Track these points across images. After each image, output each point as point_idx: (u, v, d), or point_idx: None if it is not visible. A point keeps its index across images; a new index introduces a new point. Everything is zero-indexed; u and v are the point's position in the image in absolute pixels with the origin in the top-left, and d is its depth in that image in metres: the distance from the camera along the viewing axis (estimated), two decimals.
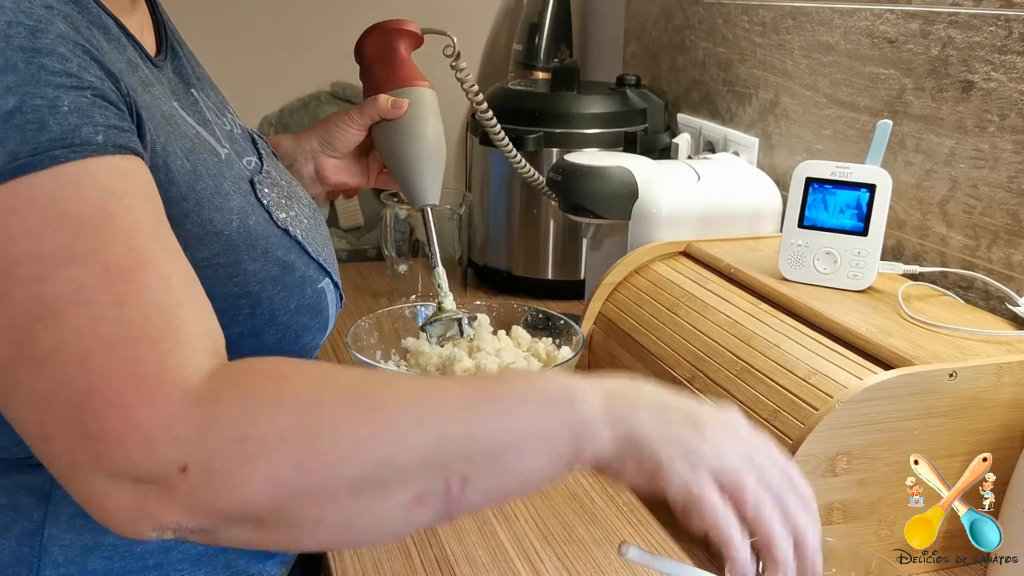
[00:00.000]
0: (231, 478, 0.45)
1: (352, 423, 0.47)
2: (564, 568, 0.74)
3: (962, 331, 0.78)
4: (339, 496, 0.46)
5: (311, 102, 1.76)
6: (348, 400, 0.48)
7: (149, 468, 0.45)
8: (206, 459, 0.45)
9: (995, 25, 0.86)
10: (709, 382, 0.81)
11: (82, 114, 0.49)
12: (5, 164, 0.46)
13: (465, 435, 0.47)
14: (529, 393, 0.49)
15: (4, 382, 0.47)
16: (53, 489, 0.62)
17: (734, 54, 1.29)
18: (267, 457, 0.45)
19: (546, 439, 0.48)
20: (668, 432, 0.49)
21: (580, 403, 0.48)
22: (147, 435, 0.45)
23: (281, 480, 0.45)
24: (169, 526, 0.46)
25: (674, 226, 1.03)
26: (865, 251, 0.87)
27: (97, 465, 0.45)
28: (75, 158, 0.48)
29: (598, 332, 1.01)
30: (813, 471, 0.68)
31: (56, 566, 0.62)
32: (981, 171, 0.89)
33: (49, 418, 0.46)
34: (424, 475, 0.47)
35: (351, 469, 0.46)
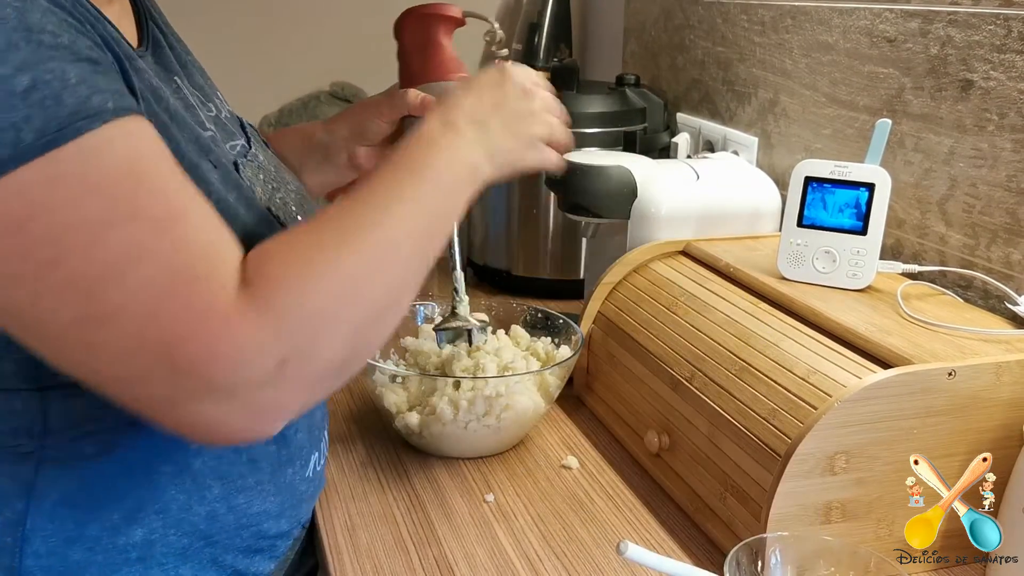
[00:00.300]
0: (320, 348, 0.55)
1: (368, 258, 0.58)
2: (563, 567, 0.74)
3: (961, 330, 0.78)
4: (386, 309, 0.60)
5: (310, 102, 1.76)
6: (352, 242, 0.58)
7: (250, 376, 0.52)
8: (292, 347, 0.53)
9: (994, 24, 0.86)
10: (708, 381, 0.81)
11: (89, 84, 0.51)
12: (35, 140, 0.49)
13: (436, 218, 0.64)
14: (456, 177, 0.66)
15: (72, 343, 0.52)
16: (37, 480, 0.62)
17: (733, 53, 1.29)
18: (335, 318, 0.55)
19: (465, 197, 0.67)
20: (514, 156, 0.72)
21: (479, 169, 0.68)
22: (233, 354, 0.51)
23: (351, 327, 0.57)
24: (292, 410, 0.56)
25: (673, 225, 1.03)
26: (864, 250, 0.87)
27: (197, 393, 0.51)
28: (95, 127, 0.50)
29: (597, 331, 1.01)
30: (812, 470, 0.68)
31: (38, 557, 0.62)
32: (980, 170, 0.89)
33: (138, 364, 0.51)
34: (418, 261, 0.62)
35: (383, 289, 0.59)
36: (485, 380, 0.87)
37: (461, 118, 0.68)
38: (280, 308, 0.53)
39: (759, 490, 0.72)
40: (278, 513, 0.72)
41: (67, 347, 0.52)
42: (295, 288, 0.55)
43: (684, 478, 0.83)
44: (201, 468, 0.66)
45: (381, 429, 0.97)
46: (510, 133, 0.71)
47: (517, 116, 0.72)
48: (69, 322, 0.51)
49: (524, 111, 0.73)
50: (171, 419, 0.54)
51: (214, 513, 0.67)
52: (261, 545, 0.71)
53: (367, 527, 0.79)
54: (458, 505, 0.83)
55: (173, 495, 0.65)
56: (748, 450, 0.74)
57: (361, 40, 1.78)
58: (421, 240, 0.62)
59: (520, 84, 0.74)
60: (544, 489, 0.86)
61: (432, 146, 0.66)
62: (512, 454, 0.92)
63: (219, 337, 0.51)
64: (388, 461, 0.91)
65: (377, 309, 0.59)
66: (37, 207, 0.49)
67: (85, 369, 0.53)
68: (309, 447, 0.75)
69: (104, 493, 0.63)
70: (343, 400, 1.03)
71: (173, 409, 0.53)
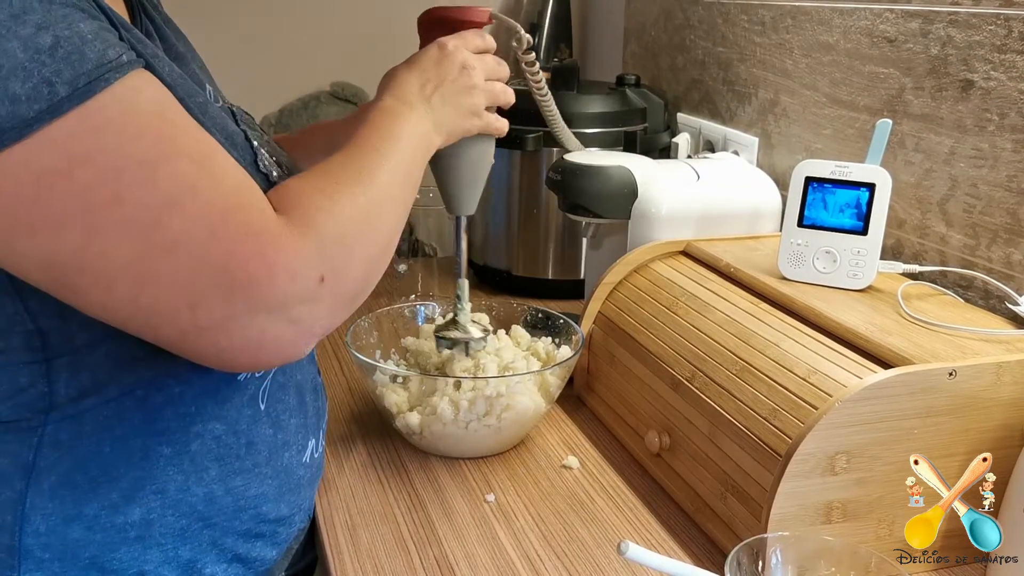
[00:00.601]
0: (348, 268, 0.62)
1: (374, 196, 0.66)
2: (563, 567, 0.74)
3: (962, 330, 0.78)
4: (384, 243, 0.68)
5: (311, 102, 1.76)
6: (363, 184, 0.66)
7: (297, 291, 0.58)
8: (332, 265, 0.60)
9: (995, 24, 0.86)
10: (709, 381, 0.81)
11: (102, 39, 0.54)
12: (70, 93, 0.51)
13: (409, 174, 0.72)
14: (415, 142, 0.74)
15: (137, 274, 0.54)
16: (37, 459, 0.63)
17: (734, 53, 1.29)
18: (357, 242, 0.63)
19: (423, 160, 0.76)
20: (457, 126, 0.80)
21: (430, 138, 0.77)
22: (287, 268, 0.57)
23: (366, 252, 0.64)
24: (319, 331, 0.61)
25: (674, 225, 1.03)
26: (865, 250, 0.87)
27: (255, 308, 0.56)
28: (119, 77, 0.54)
29: (598, 331, 1.01)
30: (812, 470, 0.68)
31: (38, 535, 0.63)
32: (981, 170, 0.89)
33: (198, 287, 0.55)
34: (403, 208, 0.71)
35: (384, 223, 0.67)
36: (486, 380, 0.87)
37: (410, 95, 0.76)
38: (318, 231, 0.60)
39: (760, 490, 0.72)
40: (276, 496, 0.73)
41: (119, 284, 0.55)
42: (326, 215, 0.61)
43: (685, 478, 0.83)
44: (199, 450, 0.67)
45: (382, 429, 0.97)
46: (451, 107, 0.79)
47: (456, 91, 0.79)
48: (131, 257, 0.54)
49: (462, 86, 0.79)
50: (222, 341, 0.57)
51: (212, 495, 0.68)
52: (261, 530, 0.72)
53: (368, 526, 0.79)
54: (459, 505, 0.83)
55: (171, 475, 0.66)
56: (749, 450, 0.74)
57: (361, 40, 1.79)
58: (402, 189, 0.71)
59: (459, 61, 0.79)
60: (545, 489, 0.86)
61: (395, 117, 0.74)
62: (513, 454, 0.92)
63: (274, 254, 0.56)
64: (389, 461, 0.91)
65: (385, 238, 0.68)
66: (84, 154, 0.52)
67: (132, 306, 0.56)
68: (305, 433, 0.76)
69: (102, 473, 0.64)
70: (344, 400, 1.03)
71: (225, 330, 0.57)
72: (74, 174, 0.52)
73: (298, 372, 0.76)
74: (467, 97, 0.80)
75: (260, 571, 0.73)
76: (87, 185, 0.52)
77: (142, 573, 0.66)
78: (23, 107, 0.50)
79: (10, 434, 0.63)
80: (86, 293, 0.55)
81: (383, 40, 1.82)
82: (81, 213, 0.53)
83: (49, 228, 0.53)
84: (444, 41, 0.80)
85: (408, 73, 0.78)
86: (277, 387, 0.73)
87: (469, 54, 0.80)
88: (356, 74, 1.78)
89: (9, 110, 0.50)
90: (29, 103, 0.50)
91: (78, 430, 0.63)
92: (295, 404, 0.75)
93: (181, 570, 0.68)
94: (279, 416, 0.73)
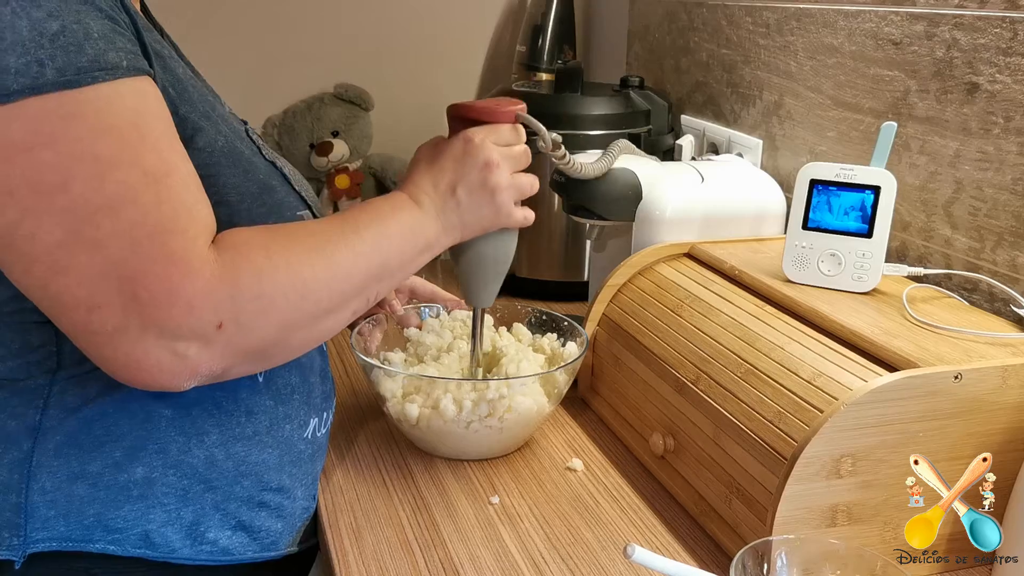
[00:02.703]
0: (253, 327, 0.61)
1: (321, 273, 0.65)
2: (568, 570, 0.74)
3: (967, 333, 0.77)
4: (318, 323, 0.66)
5: (315, 103, 1.76)
6: (315, 257, 0.65)
7: (192, 326, 0.58)
8: (235, 316, 0.60)
9: (1000, 27, 0.86)
10: (713, 384, 0.81)
11: (107, 40, 0.56)
12: (56, 78, 0.54)
13: (385, 265, 0.70)
14: (410, 244, 0.73)
15: (54, 261, 0.56)
16: (43, 421, 0.66)
17: (738, 56, 1.29)
18: (276, 308, 0.62)
19: (417, 260, 0.75)
20: (478, 224, 0.78)
21: (435, 241, 0.75)
22: (189, 301, 0.58)
23: (285, 322, 0.63)
24: (203, 372, 0.61)
25: (678, 228, 1.03)
26: (869, 253, 0.87)
27: (146, 327, 0.57)
28: (108, 79, 0.56)
29: (602, 334, 1.01)
30: (817, 473, 0.68)
31: (43, 493, 0.66)
32: (986, 173, 0.89)
33: (102, 291, 0.56)
34: (359, 297, 0.69)
35: (324, 304, 0.66)
36: (487, 383, 0.87)
37: (423, 196, 0.75)
38: (237, 281, 0.60)
39: (765, 493, 0.72)
40: (278, 466, 0.75)
41: (38, 268, 0.57)
42: (255, 269, 0.61)
43: (689, 481, 0.83)
44: (199, 414, 0.70)
45: (386, 432, 0.97)
46: (471, 205, 0.76)
47: (477, 189, 0.76)
48: (55, 243, 0.56)
49: (486, 184, 0.76)
50: (106, 350, 0.59)
51: (212, 458, 0.70)
52: (265, 499, 0.74)
53: (372, 529, 0.79)
54: (463, 507, 0.83)
55: (172, 436, 0.69)
56: (753, 453, 0.74)
57: (365, 42, 1.79)
58: (368, 279, 0.69)
59: (483, 158, 0.76)
60: (549, 491, 0.86)
61: (396, 211, 0.73)
62: (517, 456, 0.92)
63: (180, 282, 0.57)
64: (393, 463, 0.91)
65: (311, 317, 0.66)
66: (50, 136, 0.54)
67: (43, 292, 0.58)
68: (308, 410, 0.79)
69: (105, 433, 0.67)
70: (347, 401, 1.04)
71: (113, 340, 0.58)
72: (34, 152, 0.54)
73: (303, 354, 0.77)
74: (490, 196, 0.76)
75: (265, 543, 0.75)
76: (41, 165, 0.55)
77: (146, 533, 0.68)
78: (10, 78, 0.53)
79: (17, 397, 0.66)
80: (10, 267, 0.58)
81: (387, 42, 1.83)
82: (26, 191, 0.55)
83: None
84: (471, 135, 0.76)
85: (427, 168, 0.77)
86: None
87: (495, 150, 0.76)
88: (360, 76, 1.78)
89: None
90: (16, 76, 0.53)
91: (83, 392, 0.66)
92: (297, 382, 0.77)
93: (185, 532, 0.69)
94: (280, 390, 0.75)
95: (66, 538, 0.66)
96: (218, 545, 0.71)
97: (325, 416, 0.83)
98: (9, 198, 0.55)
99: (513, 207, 0.79)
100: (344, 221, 0.69)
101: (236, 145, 0.71)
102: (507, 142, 0.78)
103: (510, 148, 0.78)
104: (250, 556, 0.73)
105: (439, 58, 1.82)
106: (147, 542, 0.68)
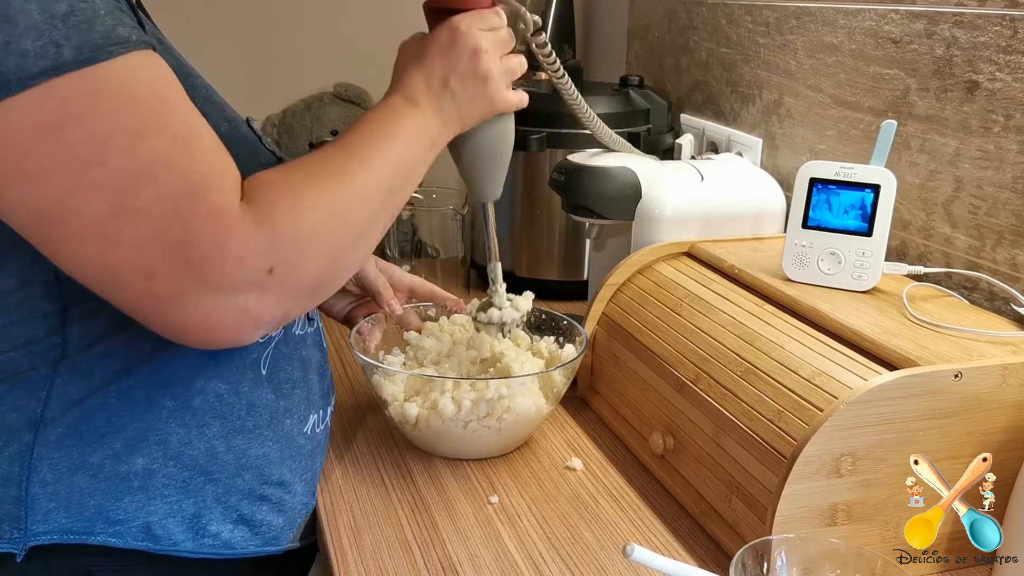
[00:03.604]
0: (300, 265, 0.62)
1: (348, 198, 0.66)
2: (568, 569, 0.74)
3: (967, 332, 0.77)
4: (356, 246, 0.68)
5: (314, 103, 1.76)
6: (337, 184, 0.66)
7: (245, 277, 0.59)
8: (283, 258, 0.61)
9: (1000, 25, 0.85)
10: (713, 383, 0.81)
11: (114, 16, 0.57)
12: (75, 56, 0.55)
13: (400, 175, 0.71)
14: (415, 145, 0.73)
15: (104, 235, 0.57)
16: (45, 413, 0.66)
17: (737, 54, 1.29)
18: (317, 240, 0.63)
19: (425, 160, 0.75)
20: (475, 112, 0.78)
21: (437, 136, 0.76)
22: (238, 254, 0.59)
23: (327, 252, 0.64)
24: (266, 320, 0.62)
25: (678, 227, 1.03)
26: (869, 252, 0.87)
27: (203, 287, 0.58)
28: (123, 52, 0.57)
29: (601, 333, 1.01)
30: (817, 472, 0.68)
31: (44, 484, 0.66)
32: (986, 171, 0.88)
33: (155, 257, 0.58)
34: (385, 211, 0.70)
35: (358, 226, 0.67)
36: (486, 383, 0.87)
37: (416, 92, 0.75)
38: (274, 223, 0.61)
39: (764, 492, 0.71)
40: (279, 460, 0.75)
41: (89, 241, 0.57)
42: (287, 209, 0.62)
43: (689, 480, 0.83)
44: (201, 405, 0.70)
45: (385, 431, 0.97)
46: (465, 96, 0.76)
47: (469, 79, 0.76)
48: (102, 216, 0.56)
49: (477, 72, 0.76)
50: (172, 314, 0.59)
51: (213, 450, 0.70)
52: (266, 492, 0.74)
53: (371, 528, 0.79)
54: (462, 506, 0.83)
55: (173, 428, 0.69)
56: (753, 452, 0.74)
57: (364, 41, 1.79)
58: (388, 191, 0.70)
59: (471, 45, 0.76)
60: (548, 491, 0.86)
61: (394, 115, 0.73)
62: (516, 455, 0.92)
63: (227, 238, 0.58)
64: (392, 463, 0.90)
65: (350, 240, 0.67)
66: (79, 113, 0.55)
67: (99, 265, 0.58)
68: (308, 406, 0.79)
69: (107, 424, 0.67)
70: (346, 400, 1.03)
71: (172, 304, 0.59)
72: (66, 131, 0.55)
73: (303, 348, 0.79)
74: (483, 83, 0.76)
75: (267, 537, 0.75)
76: (75, 143, 0.55)
77: (147, 525, 0.68)
78: (30, 62, 0.54)
79: (19, 389, 0.66)
80: (62, 245, 0.58)
81: (386, 41, 1.82)
82: (65, 169, 0.56)
83: (35, 179, 0.55)
84: (455, 23, 0.76)
85: (416, 66, 0.76)
86: (280, 356, 0.75)
87: (481, 35, 0.76)
88: (359, 75, 1.78)
89: (17, 63, 0.53)
90: (36, 59, 0.54)
91: (86, 383, 0.66)
92: (299, 377, 0.78)
93: (186, 524, 0.70)
94: (281, 384, 0.75)
95: (67, 530, 0.66)
96: (220, 538, 0.71)
97: (324, 412, 0.83)
98: (51, 177, 0.56)
99: (507, 91, 0.79)
100: (350, 144, 0.69)
101: (240, 130, 0.72)
102: (491, 26, 0.78)
103: (495, 32, 0.78)
104: (252, 550, 0.73)
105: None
106: (149, 534, 0.68)
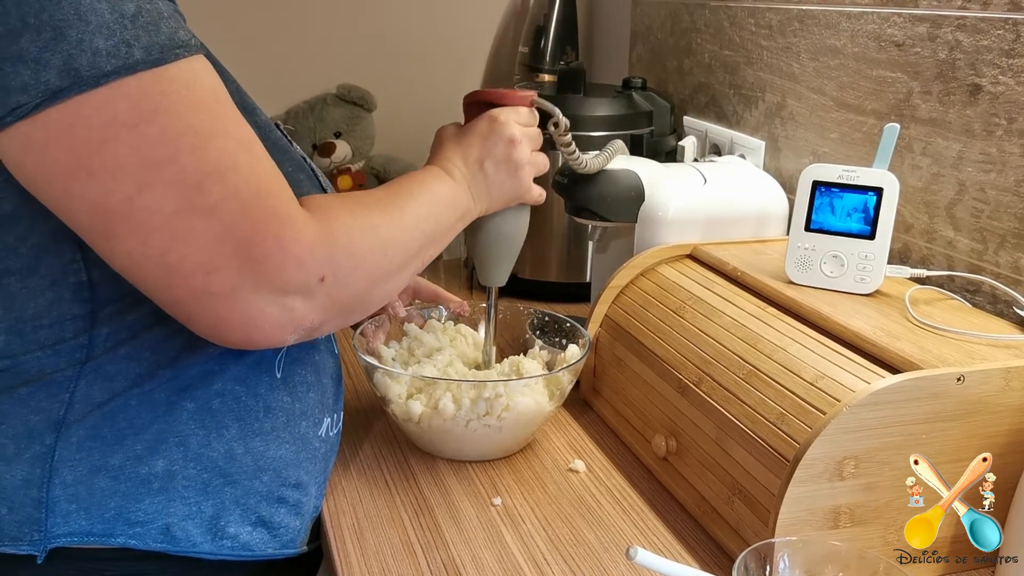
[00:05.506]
0: (348, 282, 0.66)
1: (395, 232, 0.71)
2: (571, 572, 0.74)
3: (970, 335, 0.77)
4: (392, 278, 0.72)
5: (317, 104, 1.77)
6: (387, 218, 0.71)
7: (300, 281, 0.62)
8: (335, 271, 0.64)
9: (1003, 28, 0.85)
10: (716, 385, 0.81)
11: (175, 19, 0.60)
12: (145, 57, 0.57)
13: (435, 230, 0.77)
14: (450, 209, 0.80)
15: (173, 230, 0.59)
16: (67, 415, 0.66)
17: (740, 57, 1.29)
18: (365, 263, 0.67)
19: (456, 226, 0.81)
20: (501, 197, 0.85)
21: (468, 210, 0.82)
22: (299, 257, 0.61)
23: (371, 277, 0.69)
24: (305, 325, 0.64)
25: (680, 229, 1.03)
26: (872, 255, 0.87)
27: (259, 285, 0.60)
28: (186, 55, 0.59)
29: (604, 335, 1.01)
30: (820, 475, 0.68)
31: (65, 486, 0.66)
32: (989, 175, 0.89)
33: (220, 253, 0.59)
34: (418, 258, 0.75)
35: (399, 260, 0.72)
36: (485, 382, 0.87)
37: (455, 168, 0.81)
38: (333, 236, 0.64)
39: (767, 495, 0.72)
40: (295, 462, 0.76)
41: (155, 237, 0.59)
42: (345, 228, 0.66)
43: (692, 482, 0.83)
44: (220, 408, 0.71)
45: (388, 434, 0.97)
46: (495, 180, 0.83)
47: (502, 165, 0.83)
48: (171, 212, 0.58)
49: (509, 160, 0.83)
50: (221, 310, 0.61)
51: (232, 452, 0.71)
52: (284, 494, 0.74)
53: (375, 530, 0.79)
54: (465, 508, 0.83)
55: (193, 430, 0.69)
56: (756, 455, 0.74)
57: (367, 42, 1.79)
58: (426, 240, 0.76)
59: (507, 135, 0.82)
60: (551, 493, 0.86)
61: (436, 179, 0.80)
62: (519, 457, 0.92)
63: (292, 240, 0.61)
64: (395, 465, 0.91)
65: (390, 270, 0.71)
66: (152, 112, 0.57)
67: (159, 260, 0.60)
68: (321, 409, 0.80)
69: (128, 425, 0.67)
70: (350, 403, 1.04)
71: (230, 300, 0.61)
72: (139, 128, 0.57)
73: (315, 352, 0.80)
74: (514, 170, 0.83)
75: (285, 540, 0.75)
76: (148, 141, 0.57)
77: (167, 527, 0.68)
78: (103, 60, 0.55)
79: (43, 391, 0.66)
80: (123, 241, 0.59)
81: (389, 42, 1.83)
82: (137, 165, 0.57)
83: (107, 174, 0.57)
84: (495, 114, 0.83)
85: (455, 144, 0.83)
86: (293, 360, 0.76)
87: (517, 128, 0.83)
88: (362, 76, 1.78)
89: (91, 60, 0.55)
90: (108, 58, 0.55)
91: (110, 385, 0.67)
92: (313, 380, 0.78)
93: (206, 526, 0.70)
94: (296, 387, 0.76)
95: (87, 532, 0.66)
96: (239, 540, 0.71)
97: (336, 417, 0.83)
98: (121, 174, 0.57)
99: (532, 183, 0.86)
100: (396, 190, 0.75)
101: (272, 134, 0.74)
102: (526, 122, 0.85)
103: (529, 128, 0.85)
104: (270, 553, 0.74)
105: (441, 59, 1.83)
106: (168, 536, 0.68)
